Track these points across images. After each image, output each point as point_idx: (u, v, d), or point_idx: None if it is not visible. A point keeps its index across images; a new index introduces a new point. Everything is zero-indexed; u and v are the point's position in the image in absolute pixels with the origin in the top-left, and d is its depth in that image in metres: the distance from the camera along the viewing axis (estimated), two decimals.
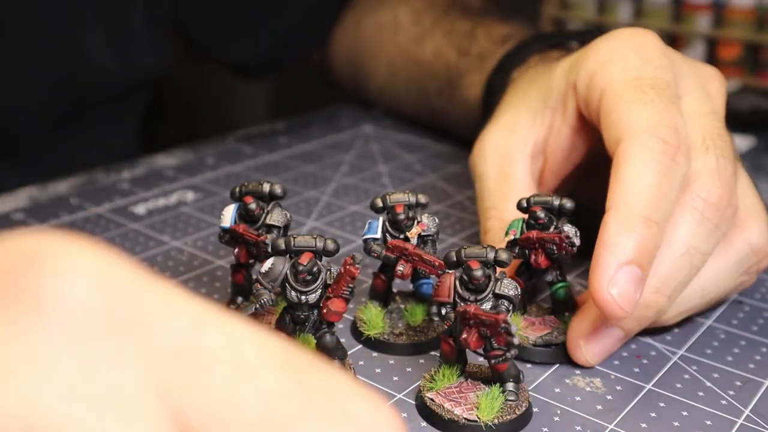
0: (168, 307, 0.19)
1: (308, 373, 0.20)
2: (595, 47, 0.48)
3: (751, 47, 1.66)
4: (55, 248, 0.19)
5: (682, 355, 0.44)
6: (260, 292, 0.39)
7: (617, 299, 0.38)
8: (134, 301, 0.19)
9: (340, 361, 0.40)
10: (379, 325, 0.44)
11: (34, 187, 0.65)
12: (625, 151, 0.42)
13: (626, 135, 0.42)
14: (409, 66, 0.80)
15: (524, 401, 0.38)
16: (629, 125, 0.42)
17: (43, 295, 0.18)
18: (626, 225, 0.39)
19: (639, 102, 0.43)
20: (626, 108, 0.43)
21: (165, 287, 0.19)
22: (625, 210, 0.40)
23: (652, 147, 0.41)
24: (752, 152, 0.76)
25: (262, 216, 0.44)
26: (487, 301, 0.37)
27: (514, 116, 0.51)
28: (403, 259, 0.42)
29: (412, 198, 0.43)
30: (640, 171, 0.41)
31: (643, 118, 0.42)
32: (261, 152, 0.75)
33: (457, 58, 0.73)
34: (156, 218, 0.60)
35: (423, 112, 0.81)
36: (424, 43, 0.78)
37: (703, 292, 0.44)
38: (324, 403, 0.20)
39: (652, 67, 0.45)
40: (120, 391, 0.18)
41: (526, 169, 0.49)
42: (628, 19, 1.78)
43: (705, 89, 0.46)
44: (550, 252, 0.42)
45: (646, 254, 0.39)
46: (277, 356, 0.20)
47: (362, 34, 0.86)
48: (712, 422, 0.39)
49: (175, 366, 0.19)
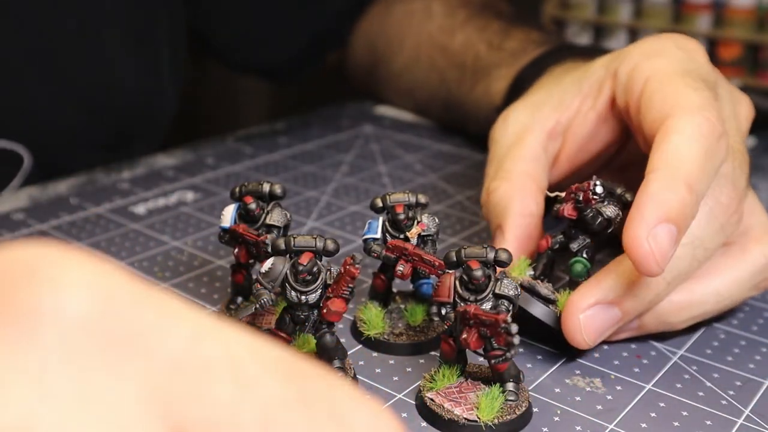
0: (166, 319, 0.19)
1: (307, 381, 0.20)
2: (640, 43, 0.49)
3: (751, 47, 1.65)
4: (52, 260, 0.18)
5: (682, 355, 0.44)
6: (260, 292, 0.39)
7: (656, 253, 0.38)
8: (132, 314, 0.19)
9: (340, 361, 0.40)
10: (379, 325, 0.44)
11: (34, 187, 0.65)
12: (674, 123, 0.42)
13: (676, 111, 0.42)
14: (435, 52, 0.80)
15: (524, 401, 0.38)
16: (679, 103, 0.43)
17: (40, 309, 0.18)
18: (672, 185, 0.39)
19: (688, 86, 0.43)
20: (675, 89, 0.43)
21: (162, 299, 0.19)
22: (671, 172, 0.40)
23: (701, 124, 0.41)
24: (752, 152, 0.75)
25: (262, 216, 0.44)
26: (487, 301, 0.37)
27: (544, 95, 0.52)
28: (403, 259, 0.42)
29: (412, 198, 0.43)
30: (689, 142, 0.41)
31: (693, 99, 0.42)
32: (261, 152, 0.75)
33: (488, 51, 0.74)
34: (156, 218, 0.60)
35: (436, 101, 0.81)
36: (455, 35, 0.78)
37: (718, 298, 0.44)
38: (324, 410, 0.19)
39: (697, 66, 0.46)
40: (118, 407, 0.18)
41: (540, 141, 0.50)
42: (628, 19, 1.78)
43: (735, 110, 0.47)
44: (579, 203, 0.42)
45: (684, 217, 0.39)
46: (276, 365, 0.20)
47: (390, 19, 0.86)
48: (712, 422, 0.39)
49: (174, 379, 0.18)
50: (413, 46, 0.83)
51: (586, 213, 0.42)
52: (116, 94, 0.76)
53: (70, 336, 0.18)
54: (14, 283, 0.18)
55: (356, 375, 0.41)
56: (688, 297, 0.44)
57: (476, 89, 0.73)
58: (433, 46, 0.80)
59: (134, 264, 0.53)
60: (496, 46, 0.73)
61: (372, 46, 0.88)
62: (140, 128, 0.80)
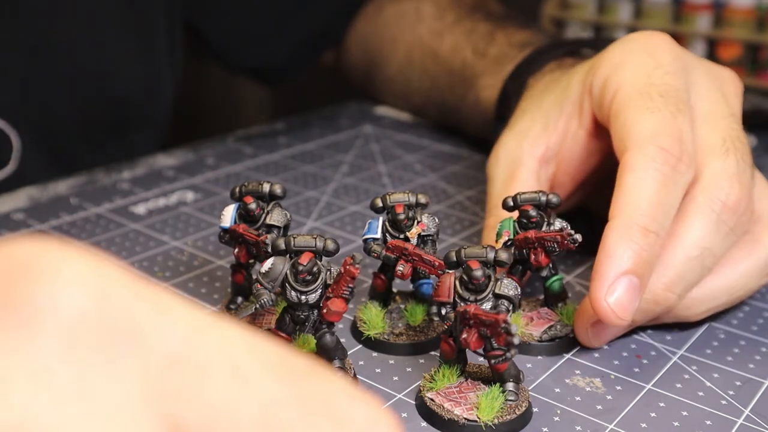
0: (163, 315, 0.19)
1: (305, 379, 0.20)
2: (610, 51, 0.49)
3: (751, 47, 1.65)
4: (50, 256, 0.18)
5: (682, 355, 0.44)
6: (260, 292, 0.38)
7: (614, 308, 0.40)
8: (129, 310, 0.19)
9: (340, 361, 0.40)
10: (379, 325, 0.44)
11: (34, 187, 0.65)
12: (627, 160, 0.43)
13: (630, 144, 0.43)
14: (426, 57, 0.80)
15: (524, 401, 0.38)
16: (633, 133, 0.43)
17: (38, 305, 0.18)
18: (625, 235, 0.41)
19: (645, 109, 0.44)
20: (632, 115, 0.44)
21: (160, 295, 0.19)
22: (624, 220, 0.41)
23: (653, 156, 0.42)
24: (752, 152, 0.75)
25: (262, 216, 0.44)
26: (487, 301, 0.37)
27: (528, 122, 0.52)
28: (403, 259, 0.42)
29: (412, 198, 0.43)
30: (640, 181, 0.42)
31: (647, 127, 0.43)
32: (261, 152, 0.75)
33: (473, 57, 0.74)
34: (156, 218, 0.60)
35: (431, 105, 0.81)
36: (443, 38, 0.78)
37: (731, 290, 0.45)
38: (322, 407, 0.19)
39: (663, 72, 0.45)
40: (115, 402, 0.18)
41: (532, 171, 0.50)
42: (628, 19, 1.78)
43: (721, 91, 0.47)
44: (551, 250, 0.42)
45: (643, 264, 0.41)
46: (274, 362, 0.20)
47: (383, 20, 0.86)
48: (712, 422, 0.39)
49: (171, 375, 0.18)
50: (406, 50, 0.83)
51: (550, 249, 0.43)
52: (111, 83, 0.76)
53: (68, 331, 0.18)
54: (12, 278, 0.18)
55: (356, 375, 0.41)
56: (701, 292, 0.44)
57: (467, 98, 0.73)
58: (424, 51, 0.80)
59: (134, 264, 0.53)
60: (480, 53, 0.73)
61: (366, 47, 0.89)
62: (135, 120, 0.80)
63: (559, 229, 0.42)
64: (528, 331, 0.44)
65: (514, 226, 0.44)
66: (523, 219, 0.43)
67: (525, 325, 0.45)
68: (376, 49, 0.87)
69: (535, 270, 0.45)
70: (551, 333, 0.44)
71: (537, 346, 0.44)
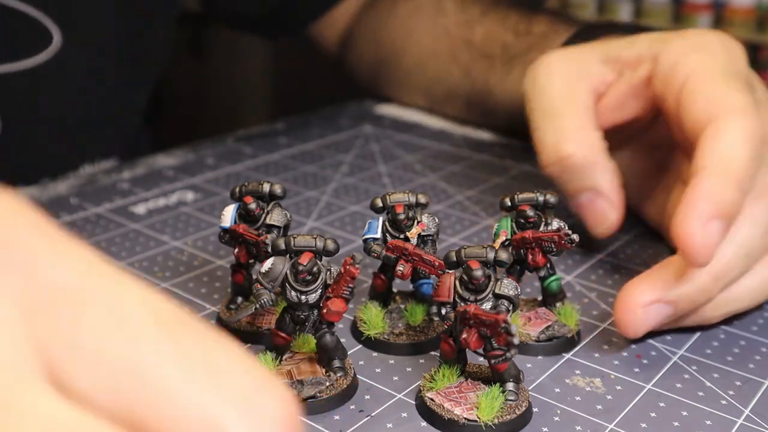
0: (58, 251, 0.20)
1: (195, 339, 0.20)
2: (684, 33, 0.49)
3: (751, 47, 1.65)
4: None
5: (682, 355, 0.44)
6: (260, 292, 0.38)
7: (708, 246, 0.39)
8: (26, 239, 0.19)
9: (340, 361, 0.40)
10: (379, 325, 0.44)
11: (34, 187, 0.65)
12: (723, 125, 0.42)
13: (723, 112, 0.43)
14: (456, 46, 0.79)
15: (524, 401, 0.38)
16: (725, 104, 0.43)
17: None
18: (724, 183, 0.40)
19: (733, 88, 0.44)
20: (720, 90, 0.44)
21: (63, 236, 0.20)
22: (722, 171, 0.41)
23: (749, 127, 0.42)
24: None
25: (262, 216, 0.44)
26: (487, 301, 0.37)
27: (588, 51, 0.52)
28: (403, 259, 0.42)
29: (412, 198, 0.43)
30: (738, 143, 0.42)
31: (739, 101, 0.43)
32: (261, 152, 0.75)
33: (515, 39, 0.73)
34: (156, 218, 0.60)
35: (456, 96, 0.80)
36: (474, 28, 0.78)
37: (752, 294, 0.45)
38: (203, 368, 0.19)
39: (739, 68, 0.47)
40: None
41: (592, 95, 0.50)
42: (628, 18, 1.78)
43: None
44: (548, 250, 0.42)
45: (732, 215, 0.41)
46: (164, 318, 0.20)
47: (396, 14, 0.85)
48: (712, 422, 0.39)
49: (50, 303, 0.19)
50: (428, 42, 0.82)
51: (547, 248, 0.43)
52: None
53: None
54: None
55: (356, 375, 0.41)
56: (725, 295, 0.44)
57: (510, 77, 0.72)
58: (452, 41, 0.80)
59: (134, 264, 0.53)
60: (523, 32, 0.73)
61: (376, 41, 0.88)
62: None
63: (556, 229, 0.42)
64: (525, 331, 0.44)
65: (512, 227, 0.44)
66: (520, 219, 0.43)
67: (523, 325, 0.45)
68: (387, 42, 0.86)
69: (533, 270, 0.45)
70: (549, 333, 0.44)
71: (535, 346, 0.44)
